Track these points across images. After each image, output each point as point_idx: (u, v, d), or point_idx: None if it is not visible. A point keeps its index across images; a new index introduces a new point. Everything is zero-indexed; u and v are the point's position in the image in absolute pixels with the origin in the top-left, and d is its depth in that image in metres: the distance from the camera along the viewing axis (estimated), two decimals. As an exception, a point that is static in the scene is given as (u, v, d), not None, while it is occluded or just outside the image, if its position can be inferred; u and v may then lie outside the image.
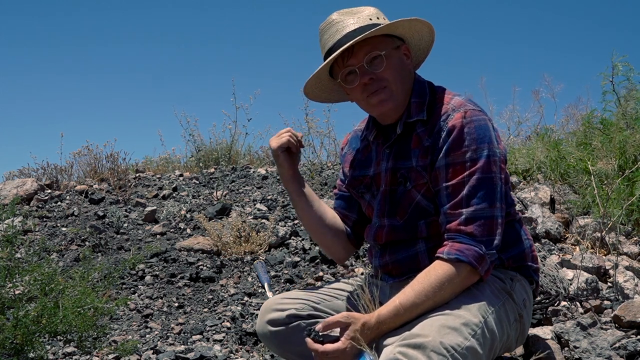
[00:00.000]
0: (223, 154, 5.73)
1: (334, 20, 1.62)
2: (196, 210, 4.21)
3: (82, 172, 5.47)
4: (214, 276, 3.17)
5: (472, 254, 1.46)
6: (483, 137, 1.51)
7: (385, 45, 1.58)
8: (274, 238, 3.53)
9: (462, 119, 1.52)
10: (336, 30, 1.60)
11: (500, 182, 1.53)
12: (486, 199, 1.49)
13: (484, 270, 1.48)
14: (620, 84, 4.35)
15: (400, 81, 1.61)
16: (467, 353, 1.35)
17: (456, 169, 1.51)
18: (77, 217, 4.22)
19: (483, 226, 1.48)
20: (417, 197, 1.60)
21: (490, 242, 1.49)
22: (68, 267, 3.29)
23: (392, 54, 1.59)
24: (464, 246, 1.47)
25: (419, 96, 1.63)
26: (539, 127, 5.42)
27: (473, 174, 1.49)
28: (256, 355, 2.42)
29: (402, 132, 1.63)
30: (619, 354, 1.95)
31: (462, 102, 1.57)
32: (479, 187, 1.49)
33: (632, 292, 2.56)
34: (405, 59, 1.64)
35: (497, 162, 1.52)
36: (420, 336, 1.33)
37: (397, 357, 1.31)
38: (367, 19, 1.59)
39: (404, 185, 1.63)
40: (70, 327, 1.94)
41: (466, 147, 1.50)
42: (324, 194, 4.35)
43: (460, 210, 1.49)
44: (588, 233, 3.20)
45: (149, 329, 2.69)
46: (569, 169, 3.89)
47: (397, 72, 1.60)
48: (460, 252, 1.46)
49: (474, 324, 1.41)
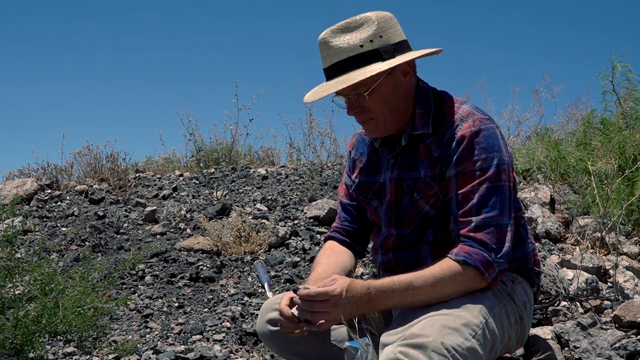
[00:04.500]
0: (223, 154, 5.73)
1: (325, 40, 1.56)
2: (196, 210, 4.21)
3: (82, 172, 5.47)
4: (214, 276, 3.17)
5: (479, 259, 1.46)
6: (492, 146, 1.51)
7: (371, 80, 1.52)
8: (274, 238, 3.53)
9: (471, 128, 1.52)
10: (327, 54, 1.56)
11: (509, 191, 1.53)
12: (496, 207, 1.49)
13: (491, 277, 1.47)
14: (620, 84, 4.35)
15: (390, 110, 1.58)
16: (468, 354, 1.35)
17: (466, 177, 1.51)
18: (77, 217, 4.22)
19: (492, 234, 1.48)
20: (426, 207, 1.60)
21: (500, 249, 1.48)
22: (68, 267, 3.29)
23: (382, 85, 1.54)
24: (473, 250, 1.47)
25: (424, 107, 1.61)
26: (539, 127, 5.43)
27: (483, 183, 1.49)
28: (256, 355, 2.43)
29: (407, 142, 1.62)
30: (619, 354, 1.95)
31: (470, 111, 1.56)
32: (489, 195, 1.49)
33: (632, 292, 2.56)
34: (401, 78, 1.58)
35: (506, 171, 1.52)
36: (421, 336, 1.33)
37: (398, 356, 1.31)
38: (358, 45, 1.52)
39: (410, 196, 1.61)
40: (70, 327, 1.95)
41: (476, 156, 1.50)
42: (324, 194, 4.35)
43: (470, 218, 1.49)
44: (588, 233, 3.20)
45: (149, 329, 2.69)
46: (568, 169, 3.89)
47: (386, 102, 1.56)
48: (469, 255, 1.46)
49: (475, 324, 1.40)
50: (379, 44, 1.53)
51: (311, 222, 3.86)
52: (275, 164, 6.07)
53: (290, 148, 5.88)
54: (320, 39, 1.58)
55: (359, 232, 1.83)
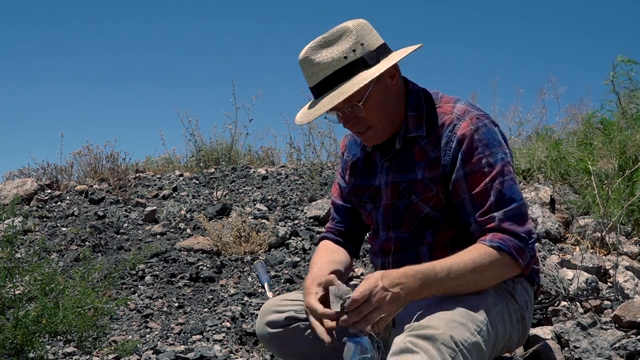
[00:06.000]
0: (223, 154, 5.73)
1: (307, 58, 1.53)
2: (196, 210, 4.21)
3: (82, 172, 5.47)
4: (214, 276, 3.17)
5: (513, 245, 1.46)
6: (493, 140, 1.53)
7: (363, 89, 1.49)
8: (274, 238, 3.53)
9: (470, 126, 1.52)
10: (312, 72, 1.53)
11: (515, 178, 1.55)
12: (513, 199, 1.50)
13: (524, 263, 1.48)
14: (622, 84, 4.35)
15: (385, 115, 1.57)
16: (473, 349, 1.35)
17: (476, 176, 1.51)
18: (77, 217, 4.22)
19: (517, 223, 1.49)
20: (426, 209, 1.59)
21: (529, 236, 1.49)
22: (68, 267, 3.29)
23: (373, 92, 1.52)
24: (506, 237, 1.47)
25: (415, 109, 1.61)
26: (540, 127, 5.43)
27: (495, 179, 1.50)
28: (256, 355, 2.43)
29: (401, 146, 1.62)
30: (619, 354, 1.95)
31: (465, 109, 1.56)
32: (503, 190, 1.50)
33: (632, 292, 2.56)
34: (389, 81, 1.57)
35: (510, 162, 1.55)
36: (430, 328, 1.33)
37: (408, 346, 1.31)
38: (342, 57, 1.49)
39: (407, 199, 1.61)
40: (70, 327, 1.95)
41: (481, 154, 1.51)
42: (324, 194, 4.35)
43: (492, 215, 1.49)
44: (588, 233, 3.20)
45: (149, 329, 2.69)
46: (569, 169, 3.89)
47: (380, 107, 1.56)
48: (503, 242, 1.46)
49: (480, 320, 1.41)
50: (362, 52, 1.51)
51: (311, 222, 3.86)
52: (275, 164, 6.07)
53: (290, 148, 5.90)
54: (302, 58, 1.55)
55: (353, 233, 1.83)
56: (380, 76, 1.52)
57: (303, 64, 1.55)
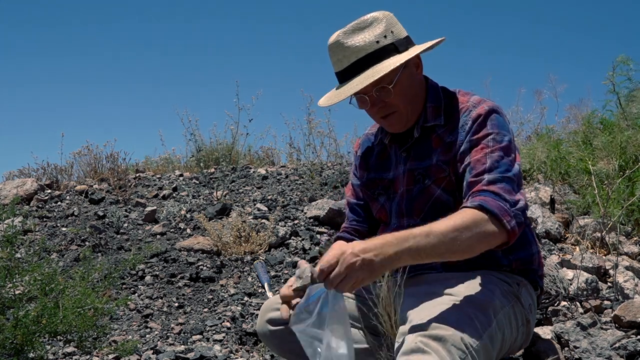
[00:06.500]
0: (223, 154, 5.73)
1: (339, 42, 1.57)
2: (196, 210, 4.21)
3: (82, 172, 5.47)
4: (214, 276, 3.17)
5: (496, 205, 1.42)
6: (504, 125, 1.56)
7: (393, 73, 1.54)
8: (274, 238, 3.53)
9: (486, 108, 1.56)
10: (343, 56, 1.57)
11: (519, 168, 1.53)
12: (509, 169, 1.49)
13: (510, 225, 1.41)
14: (622, 83, 4.35)
15: (410, 101, 1.62)
16: (481, 350, 1.36)
17: (479, 147, 1.53)
18: (77, 217, 4.22)
19: (505, 188, 1.46)
20: (437, 192, 1.61)
21: (515, 202, 1.45)
22: (68, 267, 3.29)
23: (401, 77, 1.57)
24: (488, 198, 1.44)
25: (435, 100, 1.65)
26: (540, 127, 5.43)
27: (495, 151, 1.51)
28: (256, 355, 2.43)
29: (419, 135, 1.64)
30: (619, 354, 1.95)
31: (480, 99, 1.61)
32: (501, 160, 1.50)
33: (632, 292, 2.56)
34: (415, 70, 1.62)
35: (516, 149, 1.56)
36: (440, 328, 1.33)
37: (419, 346, 1.31)
38: (374, 41, 1.55)
39: (422, 183, 1.63)
40: (70, 327, 1.95)
41: (490, 129, 1.53)
42: (324, 194, 4.35)
43: (482, 177, 1.48)
44: (588, 233, 3.20)
45: (149, 329, 2.69)
46: (569, 169, 3.89)
47: (406, 93, 1.60)
48: (484, 201, 1.43)
49: (487, 322, 1.42)
50: (392, 38, 1.57)
51: (311, 222, 3.86)
52: (275, 164, 6.07)
53: (291, 148, 5.90)
54: (332, 42, 1.58)
55: (368, 231, 1.83)
56: (407, 64, 1.57)
57: (334, 47, 1.58)
